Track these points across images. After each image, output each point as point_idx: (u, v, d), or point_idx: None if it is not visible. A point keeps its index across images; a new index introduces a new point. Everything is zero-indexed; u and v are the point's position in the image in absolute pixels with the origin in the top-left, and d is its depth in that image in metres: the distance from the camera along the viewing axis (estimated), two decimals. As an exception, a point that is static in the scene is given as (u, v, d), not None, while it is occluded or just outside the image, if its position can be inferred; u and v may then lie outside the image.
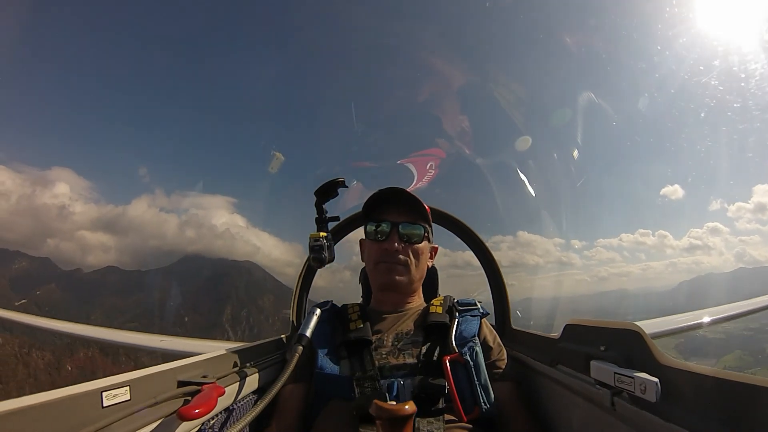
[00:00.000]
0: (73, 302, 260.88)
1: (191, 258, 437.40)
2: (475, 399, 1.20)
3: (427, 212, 1.47)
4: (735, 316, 4.62)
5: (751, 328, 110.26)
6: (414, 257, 1.43)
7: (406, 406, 0.82)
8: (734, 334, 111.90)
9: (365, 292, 1.81)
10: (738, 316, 4.63)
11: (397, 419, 0.81)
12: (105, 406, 0.74)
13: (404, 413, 0.81)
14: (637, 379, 0.77)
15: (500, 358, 1.36)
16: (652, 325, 4.18)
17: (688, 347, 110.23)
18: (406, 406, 0.82)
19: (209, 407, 0.85)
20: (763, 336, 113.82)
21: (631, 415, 0.83)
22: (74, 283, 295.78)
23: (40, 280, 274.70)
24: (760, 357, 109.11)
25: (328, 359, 1.29)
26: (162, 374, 0.90)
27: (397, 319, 1.42)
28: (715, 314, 4.52)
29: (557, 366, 1.21)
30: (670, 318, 4.61)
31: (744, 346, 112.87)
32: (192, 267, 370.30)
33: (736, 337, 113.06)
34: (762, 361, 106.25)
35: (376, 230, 1.44)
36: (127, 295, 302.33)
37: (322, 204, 1.45)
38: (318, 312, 1.37)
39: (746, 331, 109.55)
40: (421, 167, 3.89)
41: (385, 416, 0.82)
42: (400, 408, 0.82)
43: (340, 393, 1.21)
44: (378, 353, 1.28)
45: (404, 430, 0.82)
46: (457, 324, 1.33)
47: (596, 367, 0.92)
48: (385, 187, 1.46)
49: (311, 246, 1.40)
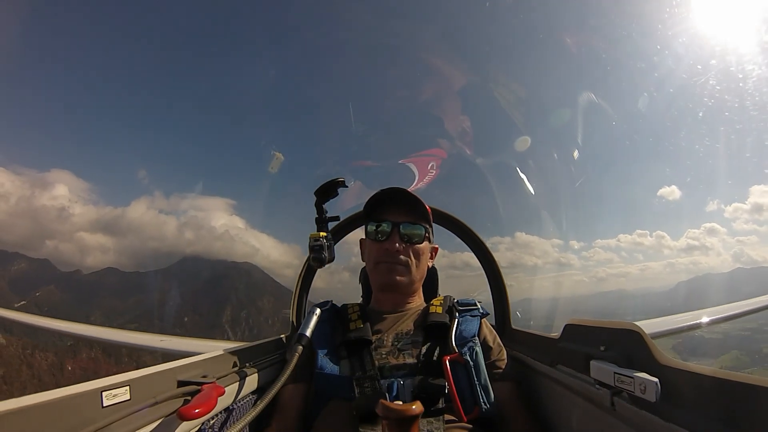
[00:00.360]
0: (72, 303, 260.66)
1: (190, 259, 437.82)
2: (475, 399, 1.20)
3: (428, 212, 1.47)
4: (734, 316, 4.62)
5: (749, 328, 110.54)
6: (415, 257, 1.42)
7: (413, 407, 0.81)
8: (731, 335, 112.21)
9: (365, 292, 1.81)
10: (737, 316, 4.64)
11: (405, 419, 0.80)
12: (105, 406, 0.74)
13: (412, 413, 0.80)
14: (637, 379, 0.77)
15: (500, 358, 1.36)
16: (651, 325, 4.18)
17: (685, 347, 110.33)
18: (414, 407, 0.81)
19: (209, 407, 0.85)
20: (760, 336, 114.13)
21: (631, 415, 0.83)
22: (73, 284, 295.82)
23: (40, 282, 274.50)
24: (757, 357, 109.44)
25: (328, 359, 1.29)
26: (162, 374, 0.90)
27: (397, 319, 1.42)
28: (714, 314, 4.53)
29: (557, 366, 1.21)
30: (670, 318, 4.62)
31: (741, 346, 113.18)
32: (191, 268, 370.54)
33: (734, 337, 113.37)
34: (759, 360, 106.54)
35: (376, 230, 1.43)
36: (127, 297, 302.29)
37: (322, 204, 1.45)
38: (318, 312, 1.37)
39: (743, 331, 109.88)
40: (422, 167, 3.90)
41: (393, 416, 0.81)
42: (407, 408, 0.81)
43: (340, 393, 1.21)
44: (378, 353, 1.28)
45: (411, 430, 0.81)
46: (457, 324, 1.33)
47: (596, 367, 0.92)
48: (387, 187, 1.46)
49: (311, 246, 1.40)
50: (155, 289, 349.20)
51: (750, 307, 4.68)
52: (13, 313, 6.67)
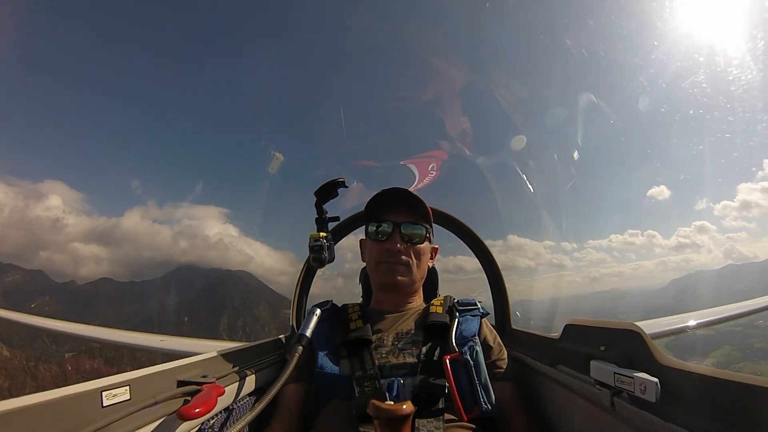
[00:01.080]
0: (67, 314, 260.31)
1: (185, 268, 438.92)
2: (475, 399, 1.20)
3: (428, 213, 1.48)
4: (735, 316, 4.62)
5: (740, 324, 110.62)
6: (415, 257, 1.43)
7: (404, 406, 0.81)
8: (723, 330, 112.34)
9: (365, 292, 1.81)
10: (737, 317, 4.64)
11: (395, 419, 0.81)
12: (105, 406, 0.74)
13: (402, 413, 0.81)
14: (637, 379, 0.77)
15: (500, 357, 1.36)
16: (651, 325, 4.18)
17: (677, 344, 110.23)
18: (404, 406, 0.81)
19: (209, 407, 0.85)
20: (751, 332, 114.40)
21: (630, 415, 0.83)
22: (68, 295, 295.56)
23: (34, 293, 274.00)
24: (748, 352, 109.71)
25: (328, 359, 1.29)
26: (162, 374, 0.90)
27: (398, 319, 1.42)
28: (713, 315, 4.53)
29: (557, 366, 1.21)
30: (670, 318, 4.62)
31: (732, 341, 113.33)
32: (186, 277, 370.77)
33: (725, 333, 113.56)
34: (750, 356, 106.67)
35: (377, 230, 1.44)
36: (123, 306, 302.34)
37: (322, 204, 1.45)
38: (318, 312, 1.37)
39: (735, 326, 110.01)
40: (422, 168, 3.89)
41: (384, 416, 0.81)
42: (398, 408, 0.81)
43: (340, 393, 1.21)
44: (378, 353, 1.28)
45: (402, 430, 0.82)
46: (457, 324, 1.33)
47: (596, 367, 0.92)
48: (388, 187, 1.46)
49: (311, 246, 1.40)
50: (151, 298, 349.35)
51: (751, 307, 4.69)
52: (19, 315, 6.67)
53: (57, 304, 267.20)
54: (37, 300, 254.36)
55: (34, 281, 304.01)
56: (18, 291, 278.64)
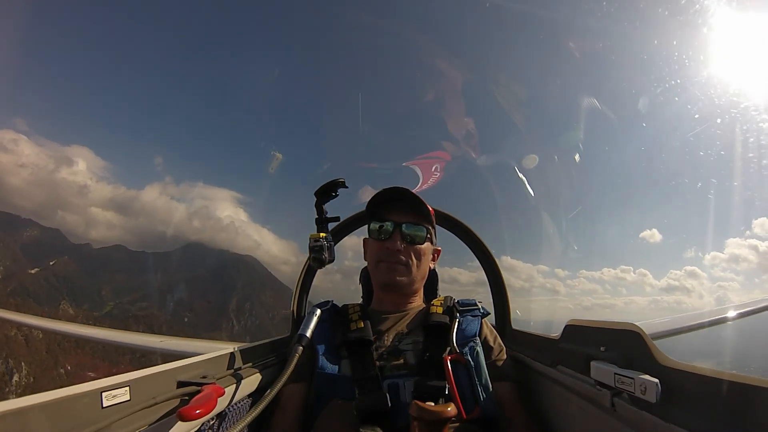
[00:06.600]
0: (84, 276, 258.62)
1: (194, 246, 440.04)
2: (475, 399, 1.20)
3: (431, 214, 1.48)
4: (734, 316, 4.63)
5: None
6: (416, 258, 1.43)
7: (448, 408, 0.78)
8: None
9: (365, 292, 1.81)
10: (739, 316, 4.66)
11: (438, 422, 0.78)
12: (105, 407, 0.74)
13: (447, 415, 0.78)
14: (638, 379, 0.77)
15: (501, 358, 1.36)
16: (652, 326, 4.19)
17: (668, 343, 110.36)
18: (449, 408, 0.78)
19: (209, 408, 0.85)
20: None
21: (631, 415, 0.83)
22: (84, 256, 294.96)
23: (51, 250, 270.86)
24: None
25: (329, 359, 1.29)
26: (162, 374, 0.90)
27: (398, 319, 1.42)
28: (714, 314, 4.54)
29: (557, 366, 1.21)
30: (670, 318, 4.62)
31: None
32: (195, 255, 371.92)
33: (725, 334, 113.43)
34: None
35: (379, 229, 1.44)
36: (134, 275, 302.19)
37: (322, 204, 1.45)
38: (318, 312, 1.37)
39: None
40: (426, 169, 3.89)
41: (427, 418, 0.78)
42: (443, 410, 0.78)
43: (340, 393, 1.21)
44: (378, 353, 1.28)
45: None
46: (457, 324, 1.33)
47: (596, 368, 0.92)
48: (390, 187, 1.46)
49: (311, 246, 1.39)
50: (161, 270, 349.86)
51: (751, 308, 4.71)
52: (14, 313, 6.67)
53: (75, 265, 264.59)
54: (57, 258, 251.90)
55: (51, 239, 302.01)
56: (35, 246, 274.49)
